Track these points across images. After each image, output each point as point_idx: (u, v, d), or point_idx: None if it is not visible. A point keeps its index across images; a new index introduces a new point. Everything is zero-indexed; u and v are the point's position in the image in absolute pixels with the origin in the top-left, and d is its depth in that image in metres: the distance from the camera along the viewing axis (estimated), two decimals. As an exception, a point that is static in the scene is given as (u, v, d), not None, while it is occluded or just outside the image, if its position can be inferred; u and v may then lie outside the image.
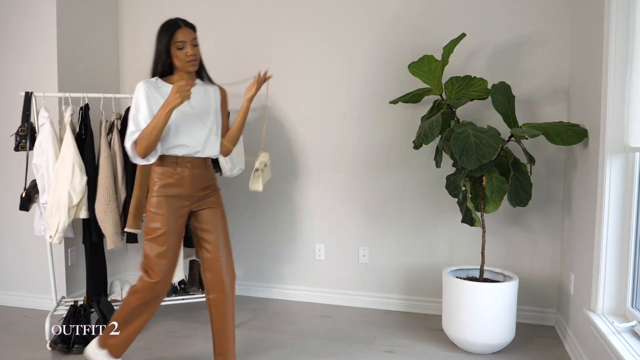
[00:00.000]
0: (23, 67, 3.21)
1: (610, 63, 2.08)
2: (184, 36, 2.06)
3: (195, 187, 2.17)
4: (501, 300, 2.51)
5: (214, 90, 2.26)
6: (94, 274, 2.98)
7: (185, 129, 2.13)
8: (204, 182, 2.20)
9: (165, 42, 2.06)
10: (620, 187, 2.10)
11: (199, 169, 2.18)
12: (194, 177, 2.16)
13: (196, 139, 2.15)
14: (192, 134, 2.14)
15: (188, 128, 2.13)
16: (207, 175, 2.22)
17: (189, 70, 2.11)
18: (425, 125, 2.58)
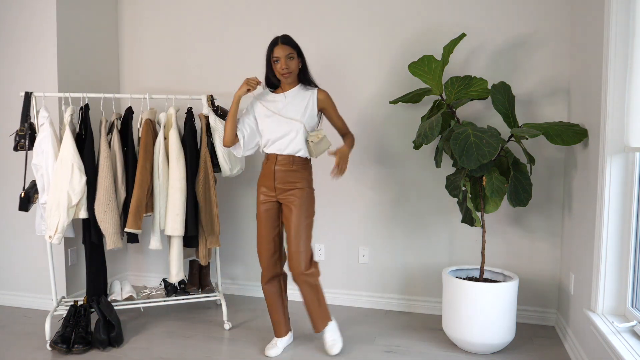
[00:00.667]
0: (23, 67, 3.21)
1: (610, 63, 2.08)
2: (279, 52, 2.37)
3: (279, 181, 2.46)
4: (501, 300, 2.51)
5: (311, 94, 2.49)
6: (94, 274, 2.98)
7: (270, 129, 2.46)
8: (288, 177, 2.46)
9: (267, 58, 2.42)
10: (620, 187, 2.10)
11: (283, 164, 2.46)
12: (277, 172, 2.46)
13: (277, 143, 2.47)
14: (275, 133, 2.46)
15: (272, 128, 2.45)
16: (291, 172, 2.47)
17: (284, 82, 2.44)
18: (425, 125, 2.58)
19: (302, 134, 2.43)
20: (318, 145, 2.43)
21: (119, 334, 2.71)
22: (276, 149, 2.46)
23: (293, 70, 2.40)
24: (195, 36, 3.57)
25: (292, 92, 2.47)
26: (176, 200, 2.78)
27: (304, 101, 2.46)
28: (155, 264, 3.79)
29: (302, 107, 2.45)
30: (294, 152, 2.45)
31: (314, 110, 2.48)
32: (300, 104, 2.45)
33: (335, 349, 2.55)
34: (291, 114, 2.44)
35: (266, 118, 2.46)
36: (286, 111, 2.44)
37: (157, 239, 2.85)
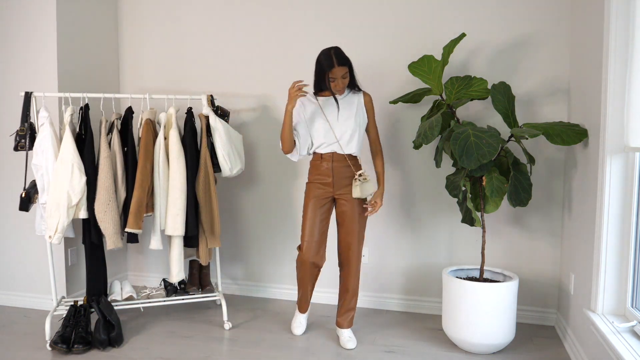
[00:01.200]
0: (23, 67, 3.21)
1: (610, 63, 2.08)
2: (336, 74, 2.51)
3: (337, 177, 2.66)
4: (501, 300, 2.51)
5: (358, 98, 2.67)
6: (94, 274, 2.98)
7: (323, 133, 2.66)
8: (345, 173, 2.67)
9: (323, 73, 2.54)
10: (620, 187, 2.10)
11: (339, 162, 2.66)
12: (334, 169, 2.66)
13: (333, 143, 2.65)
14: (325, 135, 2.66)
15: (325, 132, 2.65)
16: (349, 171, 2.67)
17: (339, 94, 2.64)
18: (425, 125, 2.58)
19: (357, 134, 2.64)
20: (363, 186, 2.61)
21: (119, 334, 2.71)
22: (330, 150, 2.64)
23: (346, 86, 2.60)
24: (195, 36, 3.57)
25: (342, 96, 2.66)
26: (176, 200, 2.78)
27: (354, 104, 2.66)
28: (155, 264, 3.80)
29: (353, 110, 2.64)
30: (350, 152, 2.65)
31: (363, 113, 2.68)
32: (350, 107, 2.64)
33: (351, 344, 2.68)
34: (344, 118, 2.62)
35: (318, 122, 2.64)
36: (343, 114, 2.63)
37: (158, 239, 2.85)
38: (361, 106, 2.67)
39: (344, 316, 2.77)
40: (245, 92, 3.49)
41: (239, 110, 3.51)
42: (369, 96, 2.69)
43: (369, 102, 2.68)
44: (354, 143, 2.64)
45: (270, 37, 3.41)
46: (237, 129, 3.51)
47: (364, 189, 2.60)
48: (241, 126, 3.52)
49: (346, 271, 2.71)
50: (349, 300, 2.75)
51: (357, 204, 2.66)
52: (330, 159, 2.65)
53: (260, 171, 3.51)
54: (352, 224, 2.65)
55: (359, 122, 2.64)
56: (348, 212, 2.65)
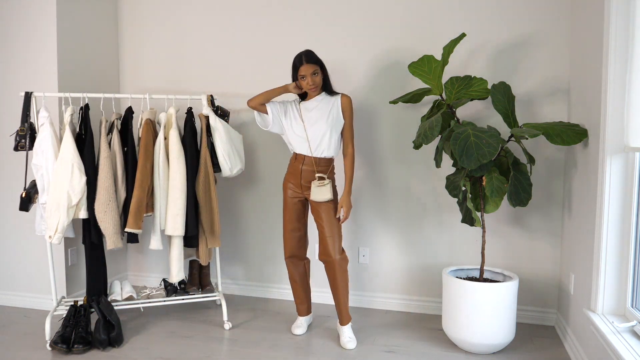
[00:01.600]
0: (23, 67, 3.21)
1: (610, 63, 2.08)
2: (305, 71, 2.60)
3: (304, 179, 2.72)
4: (501, 300, 2.51)
5: (334, 100, 2.70)
6: (94, 274, 2.98)
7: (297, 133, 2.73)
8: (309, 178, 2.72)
9: (293, 75, 2.66)
10: (620, 187, 2.10)
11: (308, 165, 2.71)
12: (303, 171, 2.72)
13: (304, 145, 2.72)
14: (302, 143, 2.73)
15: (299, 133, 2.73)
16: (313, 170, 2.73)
17: (311, 96, 2.70)
18: (425, 125, 2.58)
19: (327, 137, 2.67)
20: (318, 190, 2.66)
21: (119, 334, 2.71)
22: (305, 151, 2.69)
23: (318, 84, 2.64)
24: (195, 36, 3.57)
25: (317, 99, 2.71)
26: (176, 200, 2.78)
27: (328, 106, 2.68)
28: (155, 264, 3.79)
29: (326, 112, 2.67)
30: (319, 155, 2.69)
31: (339, 114, 2.69)
32: (324, 108, 2.68)
33: (351, 345, 2.69)
34: (313, 121, 2.67)
35: (295, 123, 2.70)
36: (313, 117, 2.67)
37: (158, 239, 2.85)
38: (337, 108, 2.69)
39: (338, 313, 2.79)
40: (245, 92, 3.49)
41: (239, 110, 3.51)
42: (347, 98, 2.70)
43: (346, 104, 2.69)
44: (324, 146, 2.67)
45: (270, 37, 3.41)
46: (237, 129, 3.51)
47: (318, 193, 2.64)
48: (241, 126, 3.52)
49: (325, 269, 2.74)
50: (336, 297, 2.75)
51: (325, 203, 2.69)
52: (301, 161, 2.72)
53: (260, 171, 3.51)
54: (321, 222, 2.68)
55: (331, 124, 2.66)
56: (316, 211, 2.70)
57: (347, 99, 2.70)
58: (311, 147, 2.68)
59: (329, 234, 2.67)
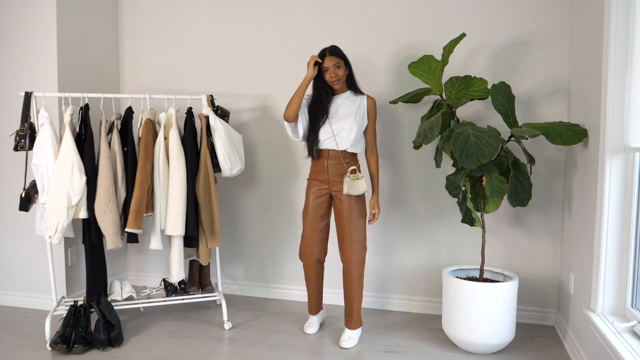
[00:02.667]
0: (23, 67, 3.21)
1: (610, 63, 2.08)
2: (327, 63, 2.62)
3: (332, 174, 2.70)
4: (501, 300, 2.51)
5: (361, 99, 2.73)
6: (94, 274, 2.98)
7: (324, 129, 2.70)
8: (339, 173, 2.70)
9: (319, 65, 2.65)
10: (620, 187, 2.10)
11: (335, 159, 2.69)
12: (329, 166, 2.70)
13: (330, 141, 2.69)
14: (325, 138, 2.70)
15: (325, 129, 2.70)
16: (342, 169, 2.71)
17: (335, 88, 2.69)
18: (425, 125, 2.58)
19: (354, 133, 2.65)
20: (354, 183, 2.61)
21: (119, 334, 2.71)
22: (330, 145, 2.68)
23: (341, 77, 2.64)
24: (195, 36, 3.57)
25: (343, 96, 2.72)
26: (176, 200, 2.78)
27: (355, 104, 2.70)
28: (155, 264, 3.80)
29: (353, 109, 2.68)
30: (345, 148, 2.67)
31: (364, 114, 2.71)
32: (351, 106, 2.69)
33: (347, 344, 2.67)
34: (341, 115, 2.67)
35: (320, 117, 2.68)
36: (341, 112, 2.68)
37: (158, 239, 2.85)
38: (363, 108, 2.71)
39: (346, 316, 2.77)
40: (245, 92, 3.49)
41: (239, 110, 3.51)
42: (372, 100, 2.73)
43: (372, 105, 2.72)
44: (351, 140, 2.66)
45: (270, 37, 3.41)
46: (237, 129, 3.51)
47: (354, 187, 2.60)
48: (241, 126, 3.52)
49: (343, 271, 2.71)
50: (347, 302, 2.73)
51: (354, 202, 2.66)
52: (326, 156, 2.69)
53: (260, 171, 3.51)
54: (347, 224, 2.65)
55: (357, 122, 2.67)
56: (344, 211, 2.66)
57: (373, 101, 2.72)
58: (337, 140, 2.66)
59: (357, 237, 2.65)
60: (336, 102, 2.70)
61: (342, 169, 2.69)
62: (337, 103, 2.70)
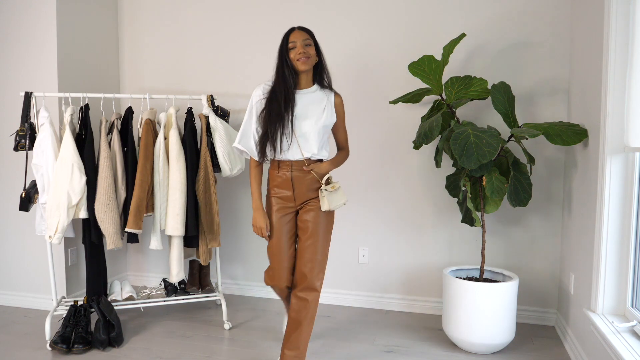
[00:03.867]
0: (23, 67, 3.21)
1: (610, 63, 2.08)
2: (295, 37, 2.16)
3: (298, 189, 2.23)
4: (501, 300, 2.51)
5: (328, 96, 2.26)
6: (94, 274, 2.98)
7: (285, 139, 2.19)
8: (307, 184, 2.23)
9: (281, 49, 2.19)
10: (620, 187, 2.10)
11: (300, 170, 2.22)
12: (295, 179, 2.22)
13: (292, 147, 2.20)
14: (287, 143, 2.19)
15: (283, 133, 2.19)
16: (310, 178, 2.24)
17: (300, 69, 2.15)
18: (425, 125, 2.58)
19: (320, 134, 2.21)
20: (332, 196, 2.21)
21: (119, 334, 2.71)
22: (293, 155, 2.19)
23: (311, 56, 2.16)
24: (195, 36, 3.57)
25: (309, 91, 2.23)
26: (176, 200, 2.78)
27: (322, 101, 2.23)
28: (155, 264, 3.80)
29: (320, 107, 2.22)
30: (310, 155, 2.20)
31: (332, 112, 2.25)
32: (318, 103, 2.22)
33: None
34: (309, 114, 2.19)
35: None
36: (304, 110, 2.19)
37: (158, 239, 2.86)
38: (330, 105, 2.25)
39: (284, 349, 2.22)
40: (245, 92, 3.49)
41: (239, 110, 3.51)
42: (340, 97, 2.28)
43: (339, 104, 2.28)
44: (317, 144, 2.19)
45: (270, 37, 3.41)
46: (237, 129, 3.51)
47: (334, 200, 2.21)
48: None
49: (294, 296, 2.22)
50: (294, 336, 2.21)
51: (324, 215, 2.24)
52: (289, 167, 2.20)
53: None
54: (312, 240, 2.20)
55: (324, 122, 2.20)
56: (309, 226, 2.21)
57: (341, 98, 2.29)
58: (301, 146, 2.17)
59: (321, 256, 2.21)
60: (300, 99, 2.19)
61: (311, 179, 2.22)
62: (301, 100, 2.19)
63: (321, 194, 2.20)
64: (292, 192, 2.23)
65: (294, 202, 2.24)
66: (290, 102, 2.15)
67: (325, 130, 2.23)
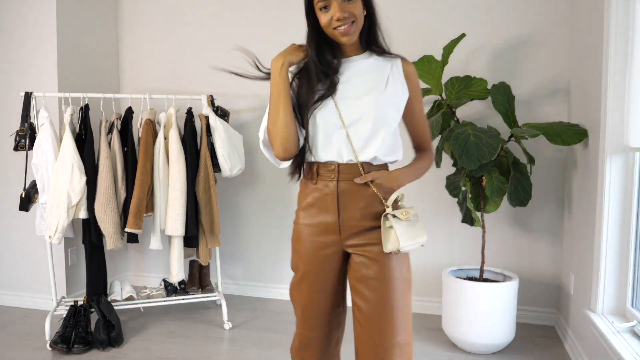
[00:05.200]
0: (23, 67, 3.21)
1: (610, 63, 2.08)
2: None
3: (348, 212, 1.39)
4: (501, 300, 2.51)
5: (392, 64, 1.45)
6: (94, 274, 2.98)
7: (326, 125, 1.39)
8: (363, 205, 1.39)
9: (307, 7, 1.42)
10: (620, 187, 2.10)
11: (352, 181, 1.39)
12: (342, 194, 1.39)
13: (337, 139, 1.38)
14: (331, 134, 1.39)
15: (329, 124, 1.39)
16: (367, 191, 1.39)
17: (343, 42, 1.39)
18: (425, 125, 2.58)
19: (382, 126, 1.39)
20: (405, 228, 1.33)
21: (119, 334, 2.71)
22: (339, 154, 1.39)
23: (357, 17, 1.38)
24: (195, 36, 3.57)
25: (359, 58, 1.46)
26: (176, 200, 2.78)
27: (382, 73, 1.43)
28: (155, 264, 3.79)
29: (377, 83, 1.41)
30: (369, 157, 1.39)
31: (403, 88, 1.44)
32: (371, 76, 1.42)
33: None
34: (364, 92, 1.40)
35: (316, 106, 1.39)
36: (355, 88, 1.41)
37: (158, 239, 2.86)
38: (398, 78, 1.44)
39: None
40: (245, 92, 3.49)
41: (239, 110, 3.51)
42: (411, 65, 1.49)
43: (412, 74, 1.47)
44: (378, 139, 1.38)
45: (271, 37, 3.41)
46: (237, 129, 3.51)
47: (406, 235, 1.32)
48: (241, 126, 3.52)
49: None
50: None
51: (395, 263, 1.38)
52: (332, 176, 1.40)
53: (260, 171, 3.51)
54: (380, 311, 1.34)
55: (390, 98, 1.41)
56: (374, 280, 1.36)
57: (413, 67, 1.49)
58: (353, 142, 1.37)
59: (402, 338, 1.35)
60: (347, 70, 1.43)
61: (370, 198, 1.39)
62: (349, 70, 1.43)
63: (385, 223, 1.35)
64: (336, 216, 1.40)
65: (338, 234, 1.40)
66: (330, 68, 1.41)
67: (393, 115, 1.41)
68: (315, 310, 1.45)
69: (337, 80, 1.40)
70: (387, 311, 1.34)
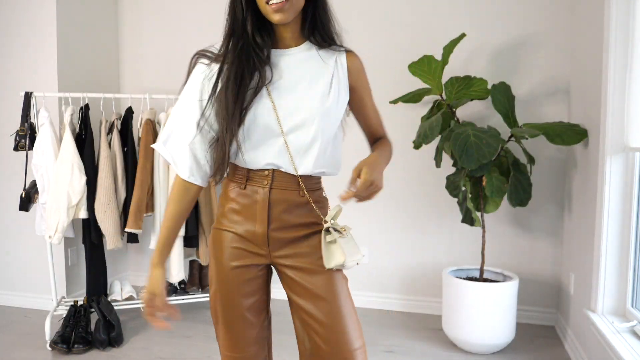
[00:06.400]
0: (23, 67, 3.21)
1: (610, 63, 2.08)
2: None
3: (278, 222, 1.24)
4: (501, 300, 2.51)
5: (334, 59, 1.31)
6: (94, 274, 2.98)
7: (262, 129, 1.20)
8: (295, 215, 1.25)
9: None
10: (620, 187, 2.10)
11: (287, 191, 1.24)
12: (274, 204, 1.23)
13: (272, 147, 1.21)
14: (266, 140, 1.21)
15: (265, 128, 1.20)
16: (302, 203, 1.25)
17: (275, 21, 1.16)
18: (425, 125, 2.58)
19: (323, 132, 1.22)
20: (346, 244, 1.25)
21: (119, 334, 2.71)
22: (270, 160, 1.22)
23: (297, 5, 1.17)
24: (196, 36, 3.57)
25: (297, 51, 1.26)
26: (176, 200, 2.78)
27: (326, 71, 1.27)
28: (155, 264, 3.79)
29: (325, 84, 1.25)
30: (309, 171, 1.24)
31: (345, 85, 1.30)
32: (317, 74, 1.25)
33: None
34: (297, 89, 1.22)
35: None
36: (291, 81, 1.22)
37: (157, 239, 2.85)
38: (342, 80, 1.30)
39: None
40: (245, 92, 3.49)
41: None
42: (357, 58, 1.38)
43: (358, 69, 1.36)
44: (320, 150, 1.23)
45: (270, 37, 3.41)
46: (237, 129, 3.51)
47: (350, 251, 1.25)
48: (241, 126, 3.52)
49: None
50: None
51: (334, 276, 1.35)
52: (264, 182, 1.23)
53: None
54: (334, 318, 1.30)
55: (331, 101, 1.24)
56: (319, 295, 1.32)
57: (359, 59, 1.39)
58: (291, 152, 1.21)
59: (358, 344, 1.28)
60: (281, 62, 1.23)
61: (304, 209, 1.26)
62: (283, 63, 1.23)
63: (326, 238, 1.22)
64: (265, 227, 1.23)
65: (266, 247, 1.25)
66: (262, 61, 1.19)
67: (335, 123, 1.27)
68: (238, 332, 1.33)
69: (269, 75, 1.19)
70: (342, 324, 1.28)
